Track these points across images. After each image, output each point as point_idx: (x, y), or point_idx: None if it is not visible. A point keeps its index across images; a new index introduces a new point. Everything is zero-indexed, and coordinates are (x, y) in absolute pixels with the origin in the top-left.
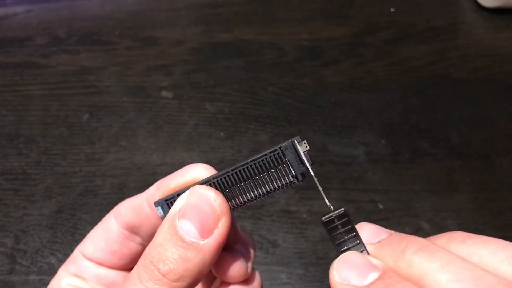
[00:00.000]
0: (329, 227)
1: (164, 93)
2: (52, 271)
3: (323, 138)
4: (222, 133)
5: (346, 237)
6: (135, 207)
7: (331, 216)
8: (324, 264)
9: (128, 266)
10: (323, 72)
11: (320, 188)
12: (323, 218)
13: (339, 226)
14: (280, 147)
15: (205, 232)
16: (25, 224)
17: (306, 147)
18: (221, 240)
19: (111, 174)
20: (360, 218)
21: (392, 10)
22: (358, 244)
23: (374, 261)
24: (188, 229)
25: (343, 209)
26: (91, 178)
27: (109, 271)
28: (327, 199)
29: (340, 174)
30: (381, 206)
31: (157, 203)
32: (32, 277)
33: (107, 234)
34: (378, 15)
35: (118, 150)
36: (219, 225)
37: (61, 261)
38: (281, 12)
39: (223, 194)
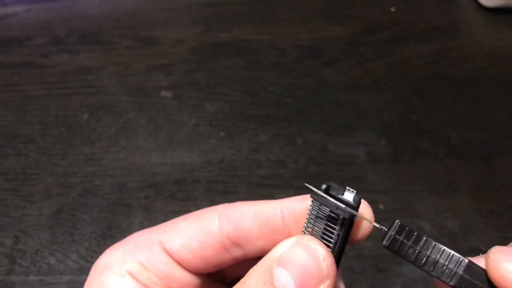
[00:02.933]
0: (395, 248)
1: (163, 93)
2: (51, 271)
3: (324, 138)
4: (222, 133)
5: (419, 248)
6: (260, 217)
7: (390, 235)
8: None
9: (208, 271)
10: (323, 72)
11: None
12: (384, 242)
13: (405, 241)
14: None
15: None
16: (24, 224)
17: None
18: None
19: (111, 174)
20: None
21: (393, 9)
22: (443, 250)
23: None
24: (285, 281)
25: (397, 220)
26: (91, 178)
27: (184, 274)
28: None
29: (340, 174)
30: (381, 206)
31: (316, 195)
32: (32, 277)
33: (204, 236)
34: (378, 15)
35: (117, 150)
36: (321, 287)
37: (61, 261)
38: (281, 12)
39: (335, 255)
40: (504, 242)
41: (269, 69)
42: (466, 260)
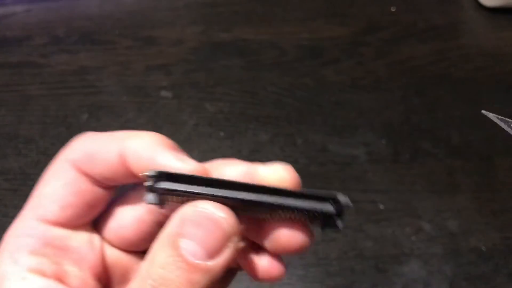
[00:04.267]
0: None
1: (163, 93)
2: None
3: (324, 138)
4: (222, 133)
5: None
6: (109, 160)
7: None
8: (325, 265)
9: (93, 217)
10: (323, 72)
11: None
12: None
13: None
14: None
15: (212, 253)
16: None
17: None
18: (231, 258)
19: None
20: (361, 218)
21: (393, 9)
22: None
23: None
24: (193, 249)
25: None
26: None
27: (82, 236)
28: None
29: (340, 174)
30: (381, 207)
31: (149, 188)
32: None
33: (70, 189)
34: (378, 15)
35: None
36: (229, 244)
37: None
38: (281, 12)
39: (238, 209)
40: (504, 242)
41: (269, 69)
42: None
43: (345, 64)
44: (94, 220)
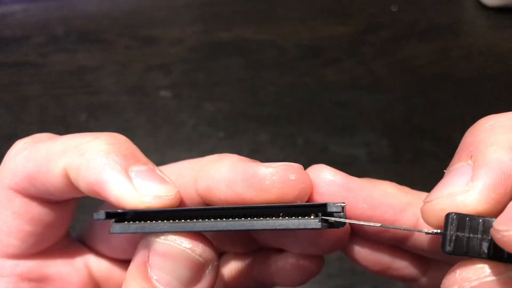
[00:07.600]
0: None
1: (163, 93)
2: None
3: (324, 138)
4: (221, 133)
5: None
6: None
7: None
8: (325, 266)
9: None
10: (324, 71)
11: None
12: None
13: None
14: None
15: (188, 283)
16: None
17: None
18: (211, 286)
19: None
20: None
21: (394, 8)
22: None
23: None
24: (166, 281)
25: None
26: None
27: (27, 262)
28: None
29: None
30: None
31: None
32: None
33: (25, 215)
34: (379, 14)
35: None
36: (205, 273)
37: None
38: (282, 11)
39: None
40: None
41: (269, 68)
42: None
43: (345, 64)
44: (80, 235)
